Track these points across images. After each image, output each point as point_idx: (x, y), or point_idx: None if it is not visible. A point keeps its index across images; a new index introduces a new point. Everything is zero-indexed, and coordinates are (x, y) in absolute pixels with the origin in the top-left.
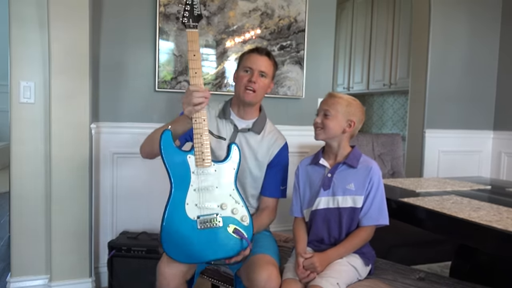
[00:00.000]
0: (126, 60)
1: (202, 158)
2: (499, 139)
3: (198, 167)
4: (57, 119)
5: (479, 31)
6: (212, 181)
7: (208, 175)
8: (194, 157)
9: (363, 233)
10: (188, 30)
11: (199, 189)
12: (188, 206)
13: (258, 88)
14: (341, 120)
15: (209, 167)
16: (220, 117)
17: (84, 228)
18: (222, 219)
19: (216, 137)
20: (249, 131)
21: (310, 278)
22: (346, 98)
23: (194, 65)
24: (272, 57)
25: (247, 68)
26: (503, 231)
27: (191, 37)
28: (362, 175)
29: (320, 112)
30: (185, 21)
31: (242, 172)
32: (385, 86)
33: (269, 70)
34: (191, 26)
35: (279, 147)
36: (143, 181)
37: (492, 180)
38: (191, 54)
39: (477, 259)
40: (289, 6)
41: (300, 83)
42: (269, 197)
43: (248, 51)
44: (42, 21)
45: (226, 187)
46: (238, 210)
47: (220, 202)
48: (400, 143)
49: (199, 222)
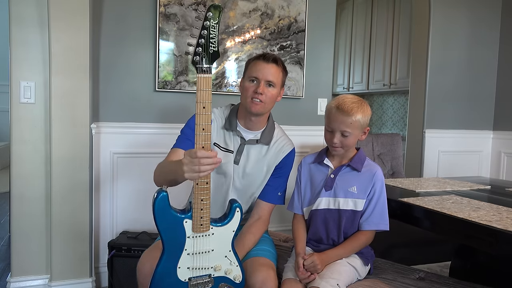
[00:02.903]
0: (126, 60)
1: (200, 223)
2: (499, 139)
3: (195, 232)
4: (57, 119)
5: (479, 31)
6: (208, 244)
7: (205, 238)
8: (192, 221)
9: (362, 237)
10: (199, 75)
11: (193, 253)
12: (180, 270)
13: (265, 99)
14: (358, 133)
15: (207, 232)
16: (226, 128)
17: (84, 228)
18: (214, 280)
19: (224, 150)
20: (257, 143)
21: (311, 279)
22: (360, 110)
23: (203, 120)
24: (280, 63)
25: (252, 78)
26: (503, 231)
27: (203, 84)
28: (365, 179)
29: (336, 131)
30: (197, 60)
31: (252, 184)
32: (385, 86)
33: (277, 79)
34: (204, 70)
35: (286, 152)
36: (143, 181)
37: (491, 180)
38: (200, 106)
39: (476, 259)
40: (289, 6)
41: (300, 83)
42: (265, 202)
43: (254, 58)
44: (43, 21)
45: (222, 249)
46: (232, 270)
47: (214, 264)
48: (400, 143)
49: (190, 283)
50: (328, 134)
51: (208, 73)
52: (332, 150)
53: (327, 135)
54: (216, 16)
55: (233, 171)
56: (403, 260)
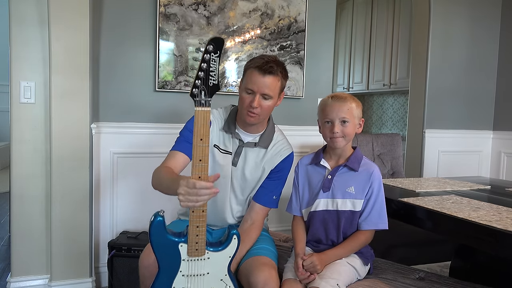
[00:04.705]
0: (126, 60)
1: (196, 248)
2: (499, 139)
3: (190, 256)
4: (57, 119)
5: (479, 31)
6: (204, 268)
7: (201, 262)
8: (187, 246)
9: (362, 237)
10: (197, 108)
11: (188, 275)
12: None
13: (260, 111)
14: (356, 123)
15: (202, 256)
16: (225, 131)
17: (84, 228)
18: None
19: (223, 152)
20: (255, 146)
21: (311, 279)
22: (354, 99)
23: (201, 152)
24: (279, 72)
25: (248, 90)
26: (503, 231)
27: (201, 118)
28: (363, 179)
29: (335, 120)
30: (196, 93)
31: (250, 186)
32: (385, 86)
33: (274, 90)
34: (202, 103)
35: (283, 156)
36: (143, 181)
37: (491, 180)
38: (197, 138)
39: (476, 259)
40: (289, 6)
41: (300, 83)
42: (260, 206)
43: (252, 65)
44: (43, 20)
45: (218, 273)
46: None
47: (209, 287)
48: (400, 143)
49: None
50: (326, 127)
51: (206, 107)
52: (333, 142)
53: (325, 129)
54: (217, 50)
55: (231, 173)
56: (403, 260)
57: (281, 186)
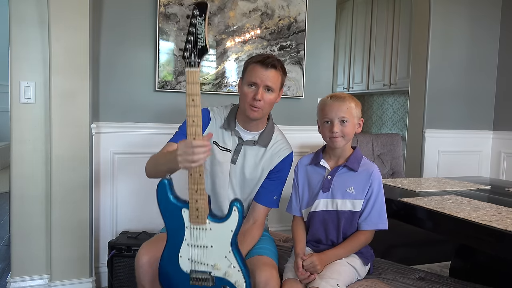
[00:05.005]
0: (126, 60)
1: (196, 215)
2: (499, 139)
3: (192, 223)
4: (57, 119)
5: (479, 31)
6: (206, 239)
7: (203, 232)
8: (188, 211)
9: (362, 237)
10: (187, 69)
11: (192, 245)
12: (182, 259)
13: (263, 105)
14: (355, 123)
15: (204, 225)
16: (225, 128)
17: (84, 228)
18: (214, 279)
19: (222, 149)
20: (254, 144)
21: (311, 279)
22: (353, 99)
23: (193, 112)
24: (279, 67)
25: (251, 83)
26: (503, 231)
27: (191, 78)
28: (362, 179)
29: (334, 119)
30: (186, 55)
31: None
32: (385, 86)
33: (276, 83)
34: (191, 64)
35: (282, 157)
36: (143, 181)
37: (491, 180)
38: (189, 99)
39: (476, 259)
40: (289, 6)
41: (300, 83)
42: (261, 206)
43: (252, 60)
44: (43, 20)
45: (221, 248)
46: (233, 274)
47: (213, 262)
48: (400, 143)
49: (191, 277)
50: (326, 127)
51: (196, 67)
52: (332, 142)
53: (325, 129)
54: (202, 13)
55: (229, 170)
56: (403, 260)
57: (281, 186)
